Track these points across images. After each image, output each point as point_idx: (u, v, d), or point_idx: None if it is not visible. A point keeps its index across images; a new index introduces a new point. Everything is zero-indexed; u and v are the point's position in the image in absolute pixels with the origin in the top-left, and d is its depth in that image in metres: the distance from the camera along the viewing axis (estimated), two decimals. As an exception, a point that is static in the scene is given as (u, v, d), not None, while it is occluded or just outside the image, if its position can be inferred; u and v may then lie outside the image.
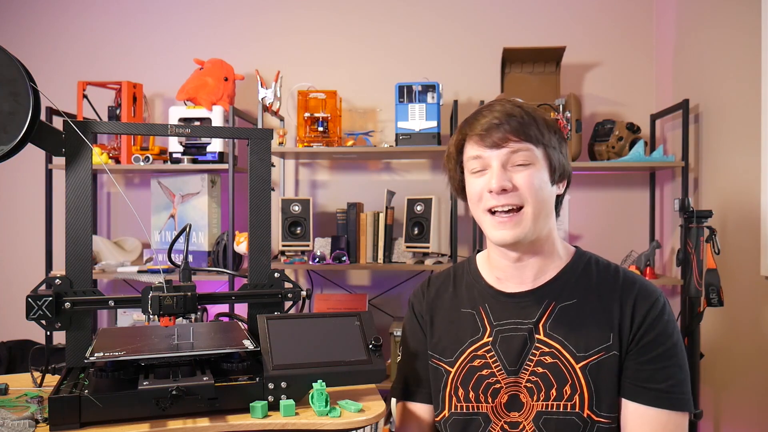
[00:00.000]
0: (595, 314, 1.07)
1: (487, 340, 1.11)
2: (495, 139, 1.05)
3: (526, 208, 1.05)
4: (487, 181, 1.06)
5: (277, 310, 1.28)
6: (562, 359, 1.06)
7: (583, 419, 1.04)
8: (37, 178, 2.82)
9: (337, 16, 2.97)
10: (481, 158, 1.08)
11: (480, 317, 1.14)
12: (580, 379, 1.04)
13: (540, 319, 1.09)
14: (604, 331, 1.06)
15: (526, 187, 1.05)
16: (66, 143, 1.19)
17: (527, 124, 1.05)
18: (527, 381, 1.07)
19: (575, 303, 1.09)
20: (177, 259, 1.23)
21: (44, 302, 1.13)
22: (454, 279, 1.23)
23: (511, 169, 1.06)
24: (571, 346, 1.06)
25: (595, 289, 1.10)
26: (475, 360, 1.11)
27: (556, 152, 1.09)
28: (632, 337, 1.06)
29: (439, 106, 2.59)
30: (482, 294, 1.16)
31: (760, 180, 2.00)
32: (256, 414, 1.03)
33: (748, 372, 2.11)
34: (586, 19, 2.88)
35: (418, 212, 2.59)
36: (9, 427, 0.95)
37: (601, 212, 2.86)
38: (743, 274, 2.12)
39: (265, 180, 1.31)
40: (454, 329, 1.16)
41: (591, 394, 1.04)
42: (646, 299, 1.07)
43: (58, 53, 3.02)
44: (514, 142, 1.05)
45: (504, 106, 1.08)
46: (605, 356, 1.05)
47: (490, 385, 1.09)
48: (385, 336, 2.62)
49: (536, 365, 1.07)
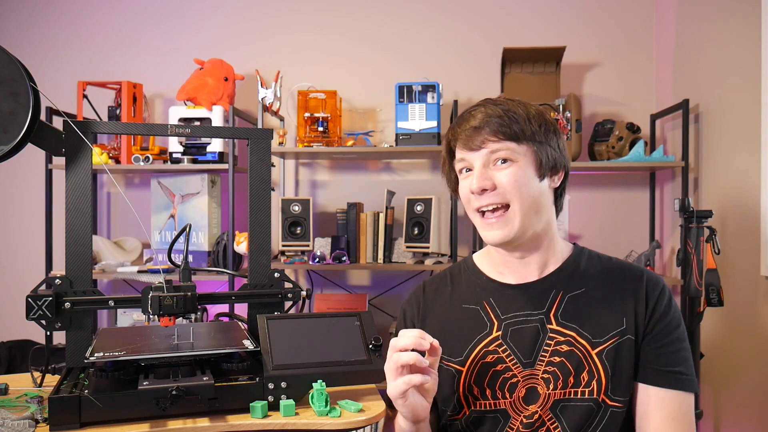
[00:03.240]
0: (605, 301, 1.09)
1: (496, 334, 1.11)
2: (476, 142, 1.08)
3: (513, 205, 1.06)
4: (470, 182, 1.09)
5: (277, 310, 1.28)
6: (579, 346, 1.07)
7: (598, 404, 1.05)
8: (37, 178, 2.82)
9: (337, 16, 2.97)
10: (465, 160, 1.10)
11: (485, 312, 1.13)
12: (597, 364, 1.06)
13: (550, 309, 1.10)
14: (617, 316, 1.08)
15: (508, 185, 1.06)
16: (66, 143, 1.19)
17: (507, 123, 1.07)
18: (543, 372, 1.07)
19: (583, 292, 1.10)
20: (177, 259, 1.24)
21: (44, 302, 1.13)
22: (451, 279, 1.23)
23: (492, 168, 1.08)
24: (587, 333, 1.07)
25: (601, 278, 1.12)
26: (488, 356, 1.10)
27: (544, 146, 1.09)
28: (648, 322, 1.08)
29: (439, 106, 2.59)
30: (485, 288, 1.16)
31: (760, 180, 1.99)
32: (256, 414, 1.03)
33: (748, 372, 2.11)
34: (586, 19, 2.88)
35: (418, 212, 2.59)
36: (9, 427, 0.95)
37: (601, 212, 2.86)
38: (743, 274, 2.11)
39: (265, 180, 1.31)
40: (457, 327, 1.15)
41: (608, 379, 1.05)
42: (656, 286, 1.11)
43: (58, 53, 3.02)
44: (493, 143, 1.07)
45: (486, 108, 1.09)
46: (620, 340, 1.06)
47: (507, 380, 1.09)
48: (385, 336, 2.60)
49: (552, 355, 1.07)
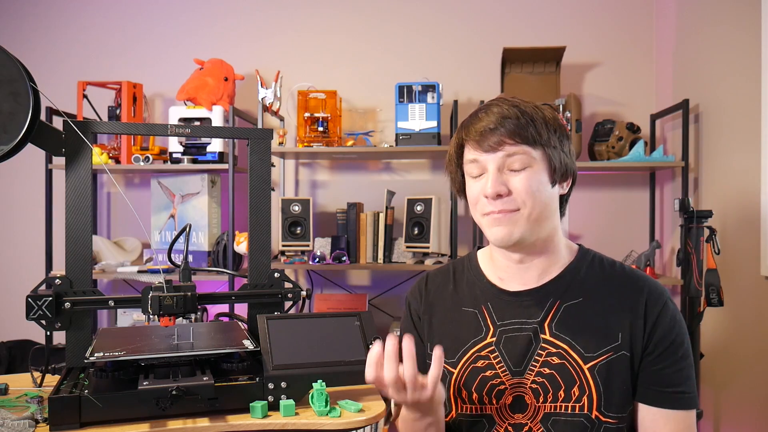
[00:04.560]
0: (602, 313, 1.06)
1: (490, 340, 1.09)
2: (491, 143, 1.04)
3: (523, 210, 1.03)
4: (483, 185, 1.05)
5: (277, 310, 1.28)
6: (570, 360, 1.04)
7: (591, 420, 1.02)
8: (37, 178, 2.82)
9: (338, 16, 2.97)
10: (478, 162, 1.06)
11: (483, 317, 1.12)
12: (588, 380, 1.03)
13: (545, 318, 1.07)
14: (612, 330, 1.04)
15: (522, 190, 1.03)
16: (66, 143, 1.19)
17: (524, 125, 1.03)
18: (532, 382, 1.05)
19: (581, 302, 1.07)
20: (177, 259, 1.24)
21: (44, 302, 1.13)
22: (454, 276, 1.20)
23: (507, 173, 1.04)
24: (579, 347, 1.04)
25: (600, 288, 1.08)
26: (479, 361, 1.09)
27: (557, 151, 1.06)
28: (647, 340, 1.04)
29: (439, 106, 2.59)
30: (484, 293, 1.14)
31: (760, 180, 1.99)
32: (256, 414, 1.03)
33: (748, 372, 2.11)
34: (586, 19, 2.88)
35: (418, 212, 2.58)
36: (9, 427, 0.95)
37: (601, 212, 2.86)
38: (743, 274, 2.11)
39: (265, 180, 1.31)
40: (455, 329, 1.14)
41: (600, 395, 1.02)
42: (657, 300, 1.06)
43: (58, 53, 3.02)
44: (510, 146, 1.03)
45: (501, 108, 1.05)
46: (614, 356, 1.03)
47: (494, 386, 1.07)
48: (385, 336, 2.61)
49: (542, 366, 1.05)
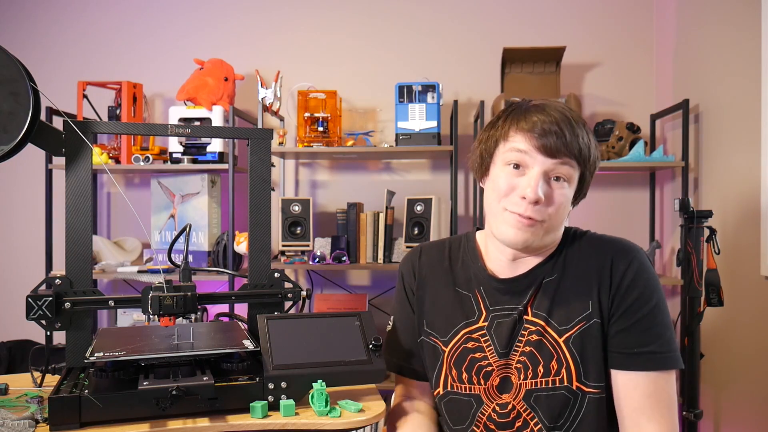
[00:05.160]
0: (575, 285, 1.07)
1: (482, 324, 1.12)
2: (551, 146, 1.01)
3: (545, 222, 1.04)
4: (523, 186, 1.03)
5: (277, 310, 1.28)
6: (547, 336, 1.06)
7: (572, 392, 1.04)
8: (37, 178, 2.82)
9: (337, 16, 2.97)
10: (527, 155, 1.03)
11: (476, 300, 1.14)
12: (564, 352, 1.04)
13: (529, 299, 1.09)
14: (583, 300, 1.06)
15: (557, 204, 1.04)
16: (66, 143, 1.19)
17: (576, 139, 1.02)
18: (517, 362, 1.08)
19: (555, 277, 1.09)
20: (177, 259, 1.24)
21: (44, 302, 1.13)
22: (449, 253, 1.22)
23: (552, 183, 1.04)
24: (554, 321, 1.06)
25: (574, 261, 1.10)
26: (469, 342, 1.12)
27: (589, 176, 1.08)
28: (612, 300, 1.04)
29: (439, 106, 2.59)
30: (478, 277, 1.16)
31: (760, 180, 1.99)
32: (256, 414, 1.03)
33: (748, 372, 2.11)
34: (586, 19, 2.88)
35: (418, 212, 2.59)
36: (9, 427, 0.95)
37: (601, 212, 2.86)
38: (743, 274, 2.11)
39: (265, 180, 1.31)
40: (448, 308, 1.16)
41: (577, 366, 1.04)
42: (623, 258, 1.05)
43: (58, 53, 3.02)
44: (566, 155, 1.02)
45: (558, 113, 1.03)
46: (586, 326, 1.04)
47: (482, 368, 1.10)
48: (385, 336, 2.61)
49: (525, 345, 1.07)
